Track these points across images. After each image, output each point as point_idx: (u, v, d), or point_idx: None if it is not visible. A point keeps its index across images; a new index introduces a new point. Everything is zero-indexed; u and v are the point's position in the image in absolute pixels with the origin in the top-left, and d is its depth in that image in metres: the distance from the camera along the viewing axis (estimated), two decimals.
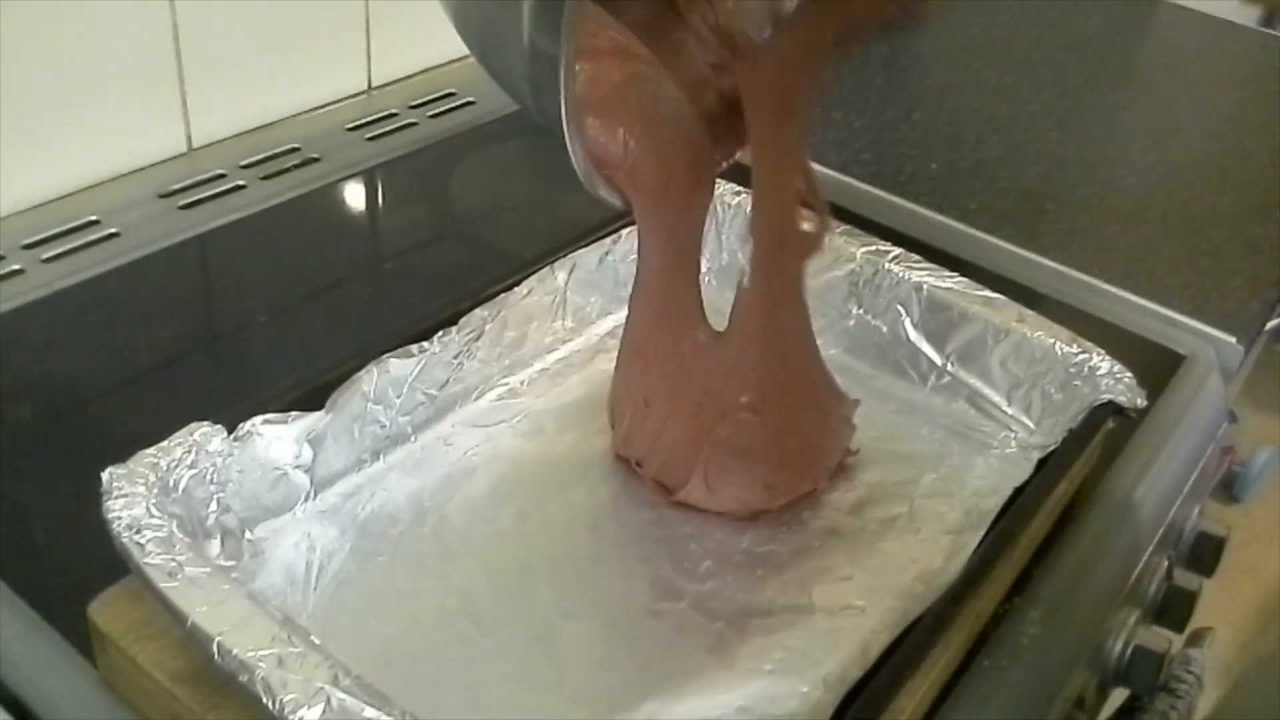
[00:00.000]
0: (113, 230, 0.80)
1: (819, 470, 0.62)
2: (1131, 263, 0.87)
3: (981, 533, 0.57)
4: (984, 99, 1.11)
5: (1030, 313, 0.67)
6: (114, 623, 0.49)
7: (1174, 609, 0.74)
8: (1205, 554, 0.78)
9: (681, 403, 0.60)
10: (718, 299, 0.70)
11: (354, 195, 0.89)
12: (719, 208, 0.75)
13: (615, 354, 0.70)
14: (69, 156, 0.82)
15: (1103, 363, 0.64)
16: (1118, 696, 0.73)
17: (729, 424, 0.59)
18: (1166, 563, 0.74)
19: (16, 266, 0.76)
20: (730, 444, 0.59)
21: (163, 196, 0.84)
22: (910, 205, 0.92)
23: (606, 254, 0.71)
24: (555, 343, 0.69)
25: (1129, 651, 0.68)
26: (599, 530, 0.60)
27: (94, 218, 0.81)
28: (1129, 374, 0.64)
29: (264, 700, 0.42)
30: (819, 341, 0.72)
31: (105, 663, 0.51)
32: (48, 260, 0.77)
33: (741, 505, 0.60)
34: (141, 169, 0.86)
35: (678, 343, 0.61)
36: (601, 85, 0.52)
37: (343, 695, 0.42)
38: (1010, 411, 0.67)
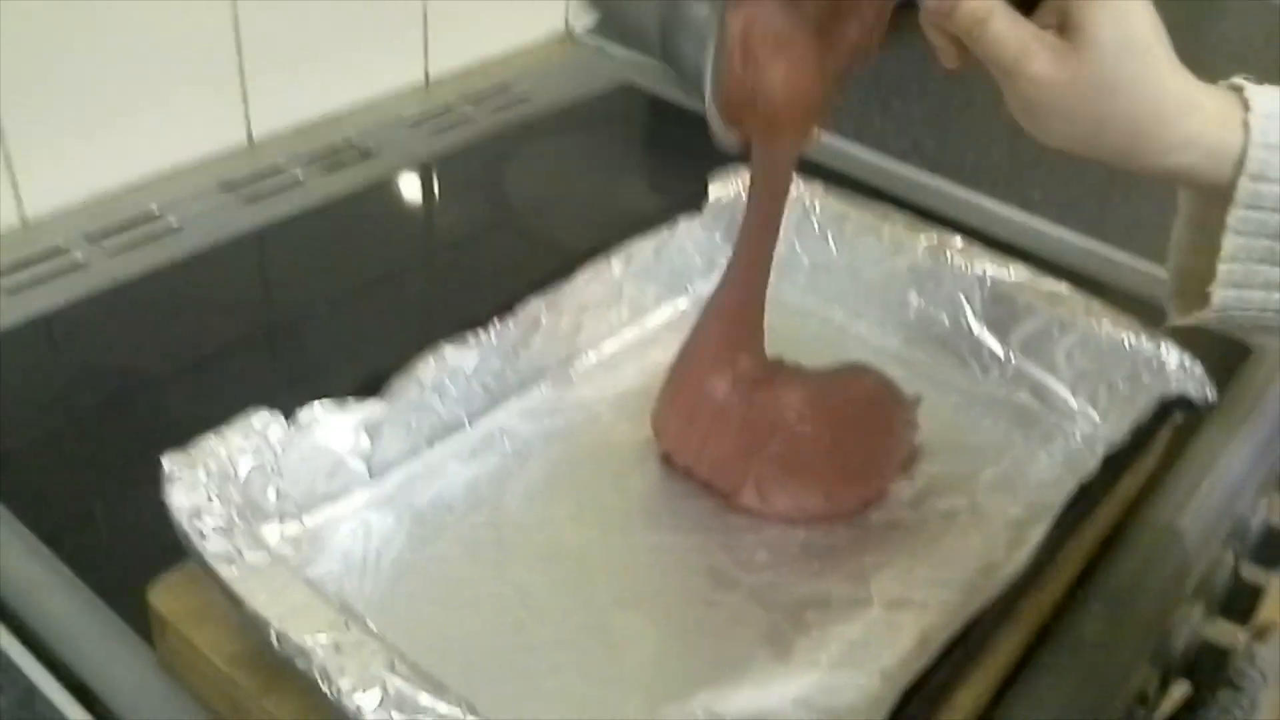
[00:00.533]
0: (174, 223, 0.81)
1: (881, 478, 0.61)
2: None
3: (1045, 526, 0.56)
4: None
5: (1097, 303, 0.66)
6: (173, 607, 0.50)
7: (1240, 603, 0.72)
8: (1273, 548, 0.75)
9: (726, 420, 0.60)
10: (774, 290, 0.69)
11: (411, 189, 0.90)
12: None
13: (670, 345, 0.69)
14: (131, 149, 0.83)
15: (1171, 355, 0.62)
16: (1179, 690, 0.71)
17: (781, 440, 0.59)
18: (1233, 556, 0.72)
19: (79, 258, 0.77)
20: (783, 460, 0.59)
21: (223, 190, 0.84)
22: (972, 195, 0.90)
23: (663, 245, 0.71)
24: (611, 332, 0.69)
25: (1194, 646, 0.66)
26: (655, 520, 0.59)
27: (155, 210, 0.82)
28: (1199, 366, 0.62)
29: (321, 686, 0.43)
30: (878, 333, 0.71)
31: (164, 646, 0.51)
32: (111, 253, 0.78)
33: (799, 513, 0.59)
34: (202, 163, 0.87)
35: (734, 355, 0.60)
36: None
37: (399, 682, 0.42)
38: (1075, 404, 0.65)
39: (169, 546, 0.49)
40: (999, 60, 0.46)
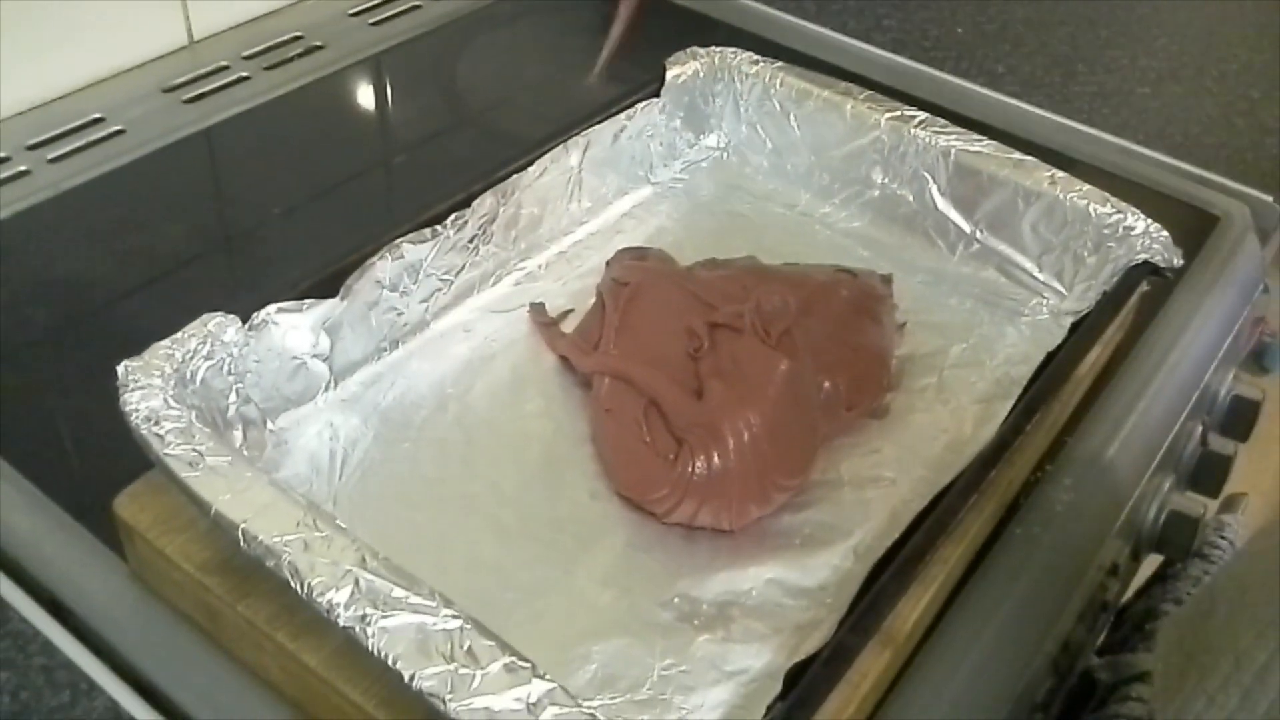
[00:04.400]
0: (118, 127, 0.78)
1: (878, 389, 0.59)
2: (1165, 124, 0.85)
3: (1012, 401, 0.56)
4: None
5: (1062, 174, 0.65)
6: (139, 516, 0.49)
7: (1208, 474, 0.73)
8: (1240, 419, 0.76)
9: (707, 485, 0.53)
10: (737, 175, 0.68)
11: (360, 83, 0.87)
12: (736, 79, 0.73)
13: (632, 234, 0.69)
14: (69, 54, 0.80)
15: (1138, 222, 0.62)
16: (1151, 563, 0.72)
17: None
18: (1201, 428, 0.72)
19: (23, 168, 0.74)
20: (703, 482, 0.52)
21: (166, 91, 0.82)
22: (935, 72, 0.89)
23: (621, 130, 0.69)
24: (572, 224, 0.68)
25: (1163, 517, 0.67)
26: None
27: (98, 115, 0.79)
28: (1164, 232, 0.62)
29: (292, 584, 0.42)
30: (844, 215, 0.71)
31: (134, 557, 0.51)
32: (53, 160, 0.75)
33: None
34: (143, 64, 0.84)
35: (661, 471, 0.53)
36: None
37: (370, 576, 0.42)
38: (1041, 277, 0.65)
39: (133, 457, 0.48)
40: None
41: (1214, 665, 0.42)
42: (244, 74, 0.84)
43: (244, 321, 0.53)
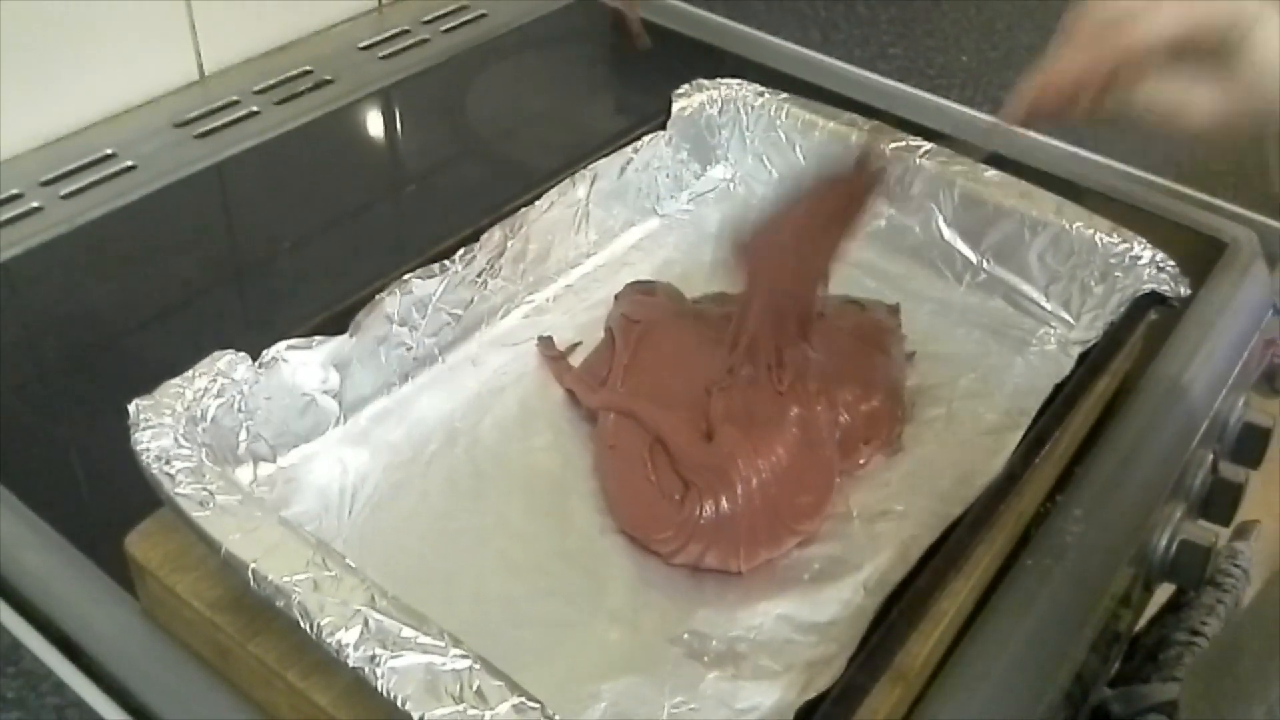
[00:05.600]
0: (129, 163, 0.79)
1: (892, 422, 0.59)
2: (1171, 150, 0.85)
3: (1021, 432, 0.56)
4: None
5: (1068, 204, 0.65)
6: (150, 555, 0.49)
7: (1220, 502, 0.73)
8: (1251, 446, 0.76)
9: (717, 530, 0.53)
10: (744, 206, 0.69)
11: (370, 116, 0.88)
12: (742, 110, 0.73)
13: (640, 267, 0.69)
14: (80, 90, 0.81)
15: (1144, 252, 0.62)
16: (1163, 593, 0.72)
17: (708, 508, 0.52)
18: (1212, 456, 0.72)
19: (35, 204, 0.75)
20: (711, 525, 0.52)
21: (177, 126, 0.82)
22: (941, 100, 0.89)
23: (628, 163, 0.69)
24: (579, 257, 0.68)
25: (1174, 546, 0.66)
26: None
27: (110, 151, 0.80)
28: (1171, 262, 0.62)
29: (302, 625, 0.42)
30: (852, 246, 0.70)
31: (146, 594, 0.51)
32: (66, 196, 0.76)
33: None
34: (154, 99, 0.84)
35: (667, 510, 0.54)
36: None
37: (379, 616, 0.42)
38: (1049, 307, 0.65)
39: (144, 494, 0.48)
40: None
41: (1245, 717, 0.42)
42: (254, 108, 0.84)
43: (254, 359, 0.53)
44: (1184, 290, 0.61)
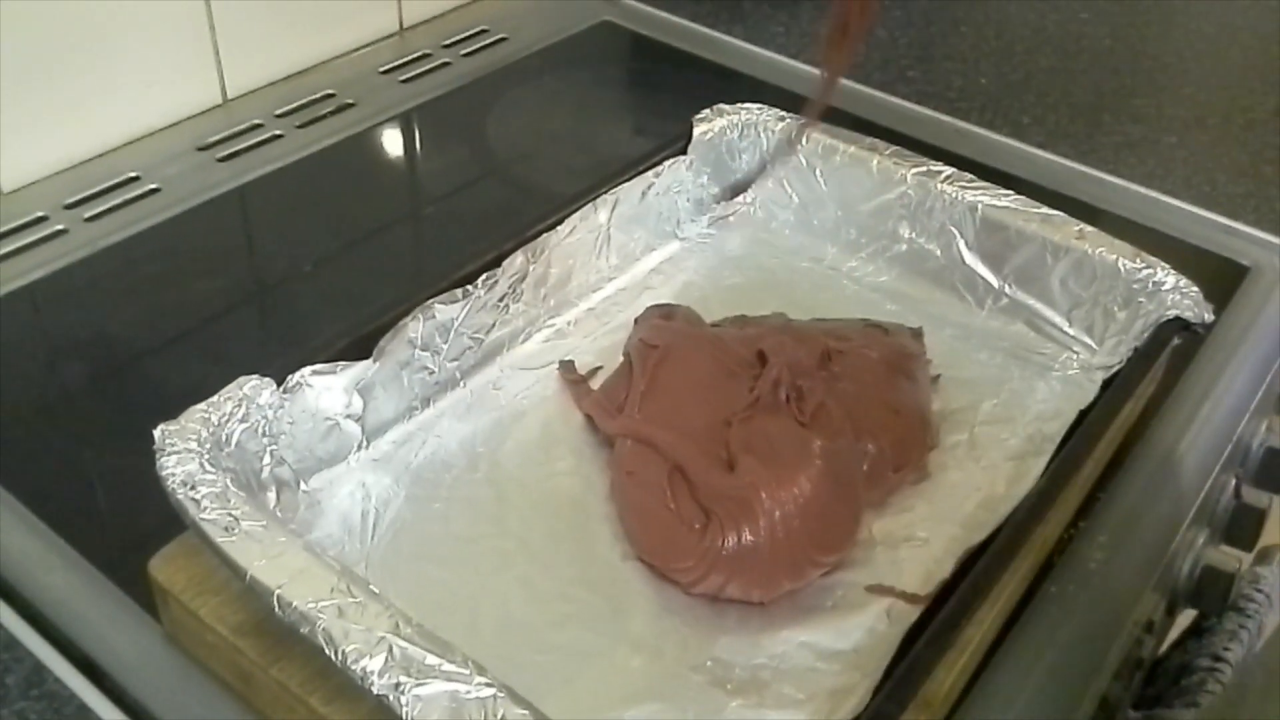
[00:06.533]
0: (153, 186, 0.79)
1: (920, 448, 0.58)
2: (1192, 173, 0.85)
3: (1045, 458, 0.56)
4: (1033, 8, 1.07)
5: (1090, 228, 0.65)
6: (174, 579, 0.49)
7: (1243, 527, 0.73)
8: (1274, 470, 0.75)
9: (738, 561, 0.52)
10: (764, 230, 0.69)
11: (391, 139, 0.88)
12: (763, 135, 0.73)
13: (660, 290, 0.69)
14: (104, 114, 0.81)
15: (1168, 277, 0.62)
16: (1186, 618, 0.71)
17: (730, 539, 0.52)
18: (1234, 480, 0.72)
19: (60, 226, 0.76)
20: (732, 556, 0.51)
21: (201, 149, 0.83)
22: (960, 123, 0.89)
23: (649, 187, 0.69)
24: (600, 281, 0.68)
25: (1198, 572, 0.66)
26: None
27: (134, 174, 0.80)
28: (1195, 288, 0.62)
29: (326, 651, 0.42)
30: (871, 269, 0.71)
31: (169, 618, 0.51)
32: (90, 219, 0.76)
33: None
34: (178, 123, 0.85)
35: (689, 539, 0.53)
36: None
37: (404, 644, 0.42)
38: (1072, 332, 0.65)
39: (168, 518, 0.49)
40: None
41: None
42: (277, 132, 0.85)
43: (278, 384, 0.54)
44: (1208, 316, 0.61)
